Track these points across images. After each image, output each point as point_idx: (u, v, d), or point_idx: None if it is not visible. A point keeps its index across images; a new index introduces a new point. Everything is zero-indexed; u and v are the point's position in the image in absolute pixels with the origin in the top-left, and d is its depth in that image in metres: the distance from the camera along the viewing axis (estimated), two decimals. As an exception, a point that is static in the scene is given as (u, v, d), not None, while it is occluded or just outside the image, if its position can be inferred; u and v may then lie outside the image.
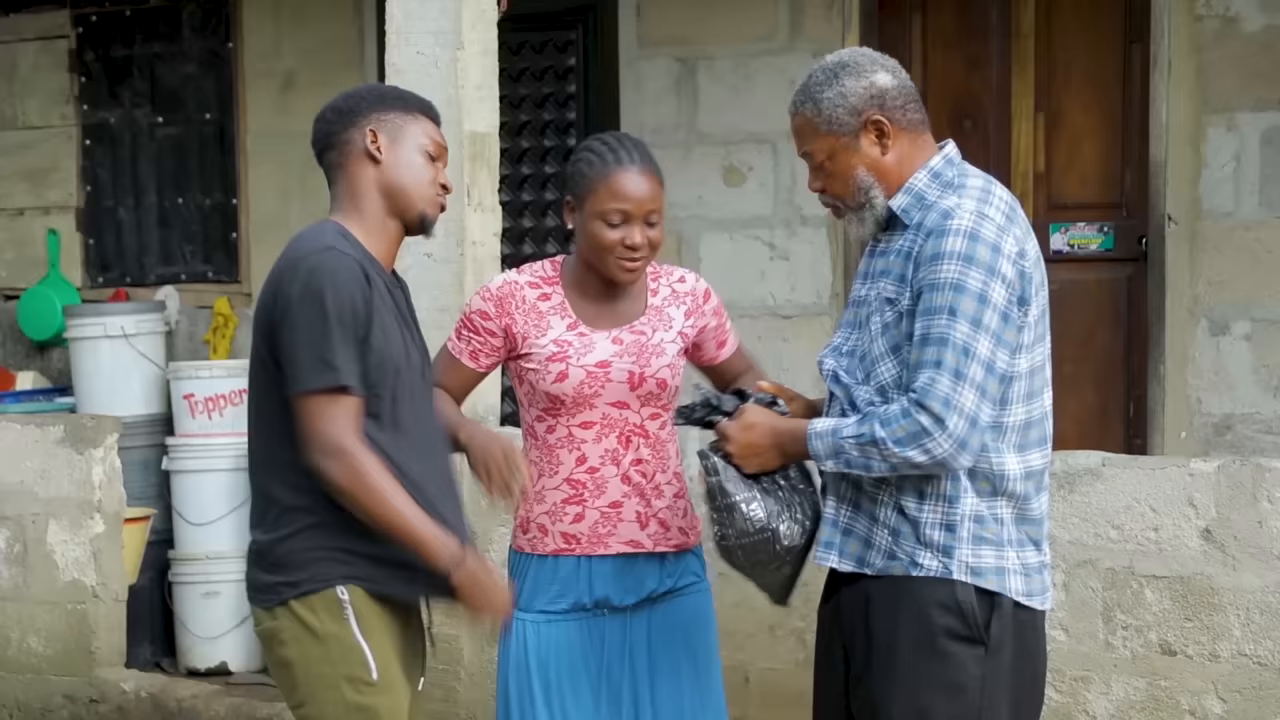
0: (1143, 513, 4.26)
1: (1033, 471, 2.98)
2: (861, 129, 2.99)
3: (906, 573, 2.94)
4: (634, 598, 3.40)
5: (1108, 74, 6.25)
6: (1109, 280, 6.29)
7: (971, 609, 2.93)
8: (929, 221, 2.93)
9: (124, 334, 6.67)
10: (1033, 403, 2.97)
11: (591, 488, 3.38)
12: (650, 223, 3.36)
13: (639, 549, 3.40)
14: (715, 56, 6.64)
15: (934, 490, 2.93)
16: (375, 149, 3.10)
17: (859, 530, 3.01)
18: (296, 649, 3.04)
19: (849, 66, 3.00)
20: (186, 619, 6.36)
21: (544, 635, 3.39)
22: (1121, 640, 4.29)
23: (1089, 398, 6.12)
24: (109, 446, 5.88)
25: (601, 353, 3.37)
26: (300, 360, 2.94)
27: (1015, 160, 6.32)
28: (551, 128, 7.05)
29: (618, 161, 3.36)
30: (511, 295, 3.42)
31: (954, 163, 3.03)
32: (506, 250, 6.07)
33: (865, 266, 3.09)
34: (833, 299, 6.47)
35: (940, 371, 2.83)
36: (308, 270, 2.96)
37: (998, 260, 2.87)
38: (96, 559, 5.83)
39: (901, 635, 2.95)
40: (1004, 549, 2.96)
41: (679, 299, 3.47)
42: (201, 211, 7.62)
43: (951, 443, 2.83)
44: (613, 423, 3.37)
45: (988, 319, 2.85)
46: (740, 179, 6.62)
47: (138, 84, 7.69)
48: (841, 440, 2.92)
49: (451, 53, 5.13)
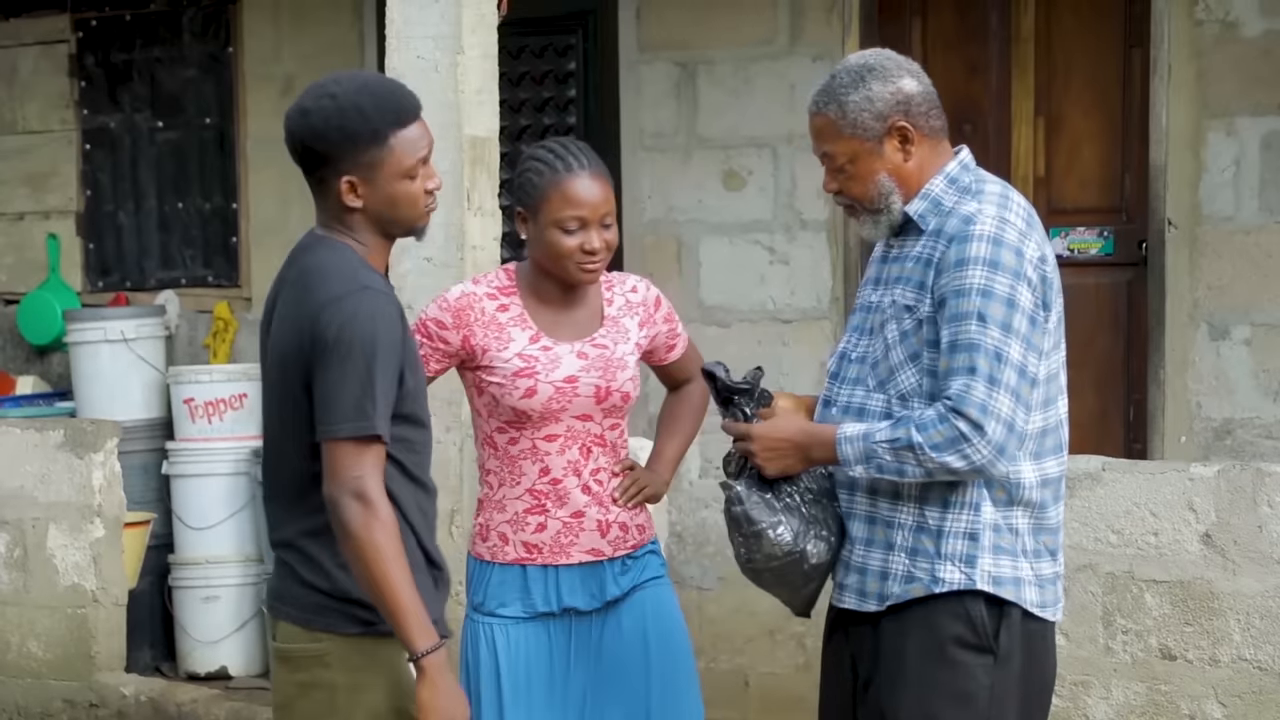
0: (1143, 517, 4.26)
1: (1049, 479, 2.97)
2: (886, 134, 2.98)
3: (928, 590, 2.93)
4: (599, 602, 3.42)
5: (1108, 78, 6.25)
6: (1109, 285, 6.29)
7: (981, 618, 2.92)
8: (950, 228, 2.92)
9: (124, 338, 6.67)
10: (1048, 410, 2.96)
11: (554, 498, 3.39)
12: (605, 224, 3.37)
13: (600, 556, 3.42)
14: (715, 60, 6.64)
15: (959, 499, 2.92)
16: (353, 197, 2.96)
17: (873, 565, 2.99)
18: (348, 676, 2.96)
19: (875, 70, 2.98)
20: (186, 623, 6.36)
21: (511, 637, 3.40)
22: (1121, 645, 4.29)
23: (1089, 402, 6.11)
24: (109, 451, 5.88)
25: (568, 368, 3.39)
26: (337, 404, 2.87)
27: (1015, 164, 6.32)
28: (551, 132, 7.03)
29: (568, 169, 3.36)
30: (470, 307, 3.41)
31: (970, 168, 3.02)
32: (506, 254, 6.05)
33: (877, 272, 3.08)
34: (832, 303, 6.47)
35: (975, 378, 2.83)
36: (348, 315, 2.87)
37: (1022, 264, 2.87)
38: (96, 563, 5.83)
39: (910, 643, 2.94)
40: (1019, 559, 2.95)
41: (632, 309, 3.49)
42: (201, 216, 7.62)
43: (990, 449, 2.83)
44: (576, 434, 3.39)
45: (1017, 323, 2.85)
46: (740, 183, 6.62)
47: (138, 88, 7.69)
48: (874, 445, 2.90)
49: (451, 57, 5.13)
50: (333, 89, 2.97)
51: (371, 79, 3.07)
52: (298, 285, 2.98)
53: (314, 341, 2.90)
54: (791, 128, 6.47)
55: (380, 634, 2.95)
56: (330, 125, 2.93)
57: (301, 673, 3.00)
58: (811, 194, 6.43)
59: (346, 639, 2.96)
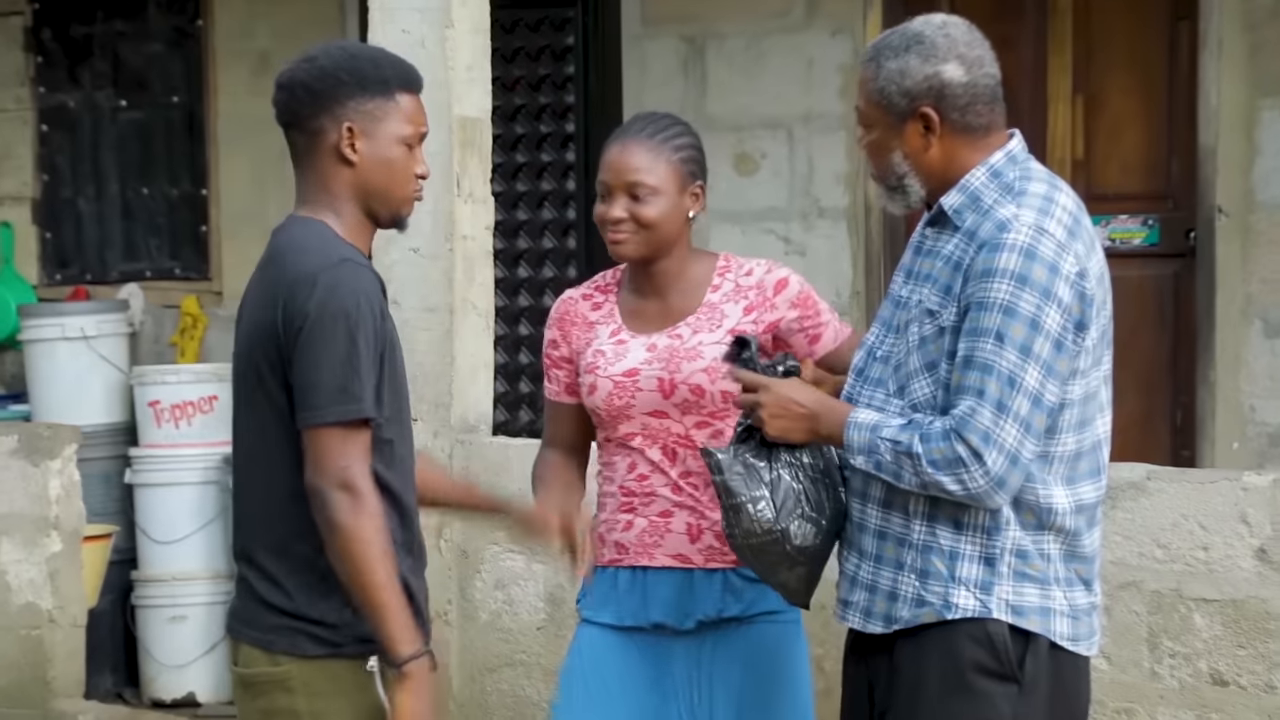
0: (1191, 530, 4.25)
1: (1084, 505, 2.95)
2: (910, 115, 2.95)
3: (940, 617, 2.91)
4: (692, 621, 3.38)
5: (1152, 53, 6.25)
6: (1153, 278, 6.29)
7: (1004, 643, 2.91)
8: (983, 232, 2.89)
9: (84, 336, 6.67)
10: (1084, 431, 2.94)
11: (641, 495, 3.40)
12: (635, 196, 3.36)
13: (688, 564, 3.38)
14: (725, 35, 6.64)
15: (972, 520, 2.91)
16: (350, 149, 3.00)
17: (883, 584, 2.98)
18: (310, 702, 2.96)
19: (924, 44, 2.95)
20: (151, 645, 6.36)
21: (603, 642, 3.42)
22: (1168, 669, 4.29)
23: (1132, 406, 6.11)
24: (67, 458, 5.88)
25: (631, 360, 3.38)
26: (318, 387, 2.86)
27: (1051, 147, 6.32)
28: (548, 112, 7.05)
29: (620, 134, 3.42)
30: (568, 313, 3.49)
31: (1017, 160, 2.98)
32: (499, 245, 6.07)
33: (910, 263, 3.05)
34: (853, 297, 6.47)
35: (982, 402, 2.82)
36: (326, 287, 2.87)
37: (1054, 282, 2.84)
38: (53, 580, 5.83)
39: (929, 670, 2.93)
40: (1050, 587, 2.93)
41: (740, 294, 3.43)
42: (168, 203, 7.62)
43: (988, 480, 2.82)
44: (654, 434, 3.38)
45: (1038, 347, 2.83)
46: (753, 167, 6.62)
47: (99, 64, 7.69)
48: (879, 439, 2.90)
49: (440, 31, 5.13)
50: (345, 43, 3.14)
51: (382, 49, 3.20)
52: (269, 265, 2.99)
53: (288, 321, 2.89)
54: (809, 107, 6.47)
55: (346, 656, 2.95)
56: (340, 67, 3.02)
57: (263, 699, 3.00)
58: (830, 179, 6.43)
59: (310, 662, 2.96)
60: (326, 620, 2.94)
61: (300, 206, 3.06)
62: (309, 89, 3.01)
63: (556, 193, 7.06)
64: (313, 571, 2.95)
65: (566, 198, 7.05)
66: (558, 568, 3.30)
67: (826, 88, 6.48)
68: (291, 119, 3.04)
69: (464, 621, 5.16)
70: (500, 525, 3.36)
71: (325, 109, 3.00)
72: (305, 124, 3.02)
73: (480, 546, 4.96)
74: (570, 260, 7.03)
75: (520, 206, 7.08)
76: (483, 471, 5.08)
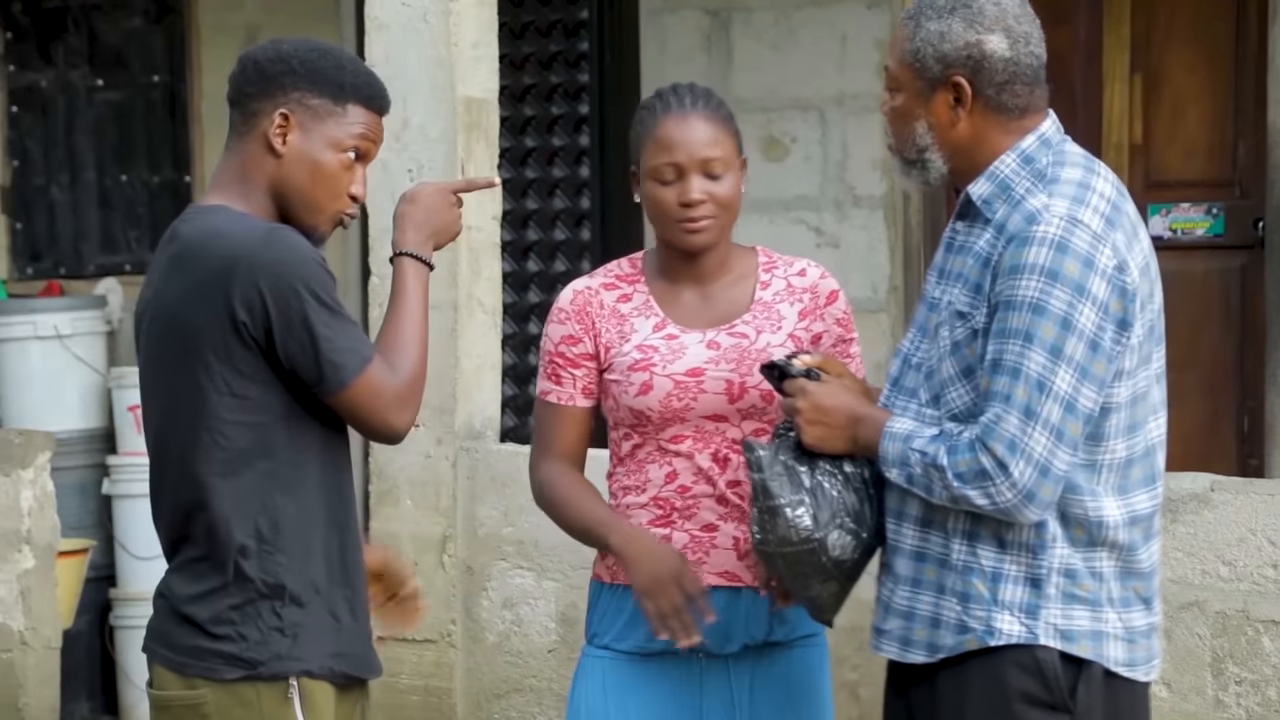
0: (1259, 546, 4.26)
1: (1139, 517, 2.95)
2: (941, 84, 2.96)
3: (983, 644, 2.92)
4: (735, 645, 3.36)
5: (1218, 28, 6.25)
6: (1219, 271, 6.29)
7: (1054, 671, 2.91)
8: (1012, 225, 2.90)
9: (58, 334, 6.70)
10: (1135, 436, 2.94)
11: (681, 508, 3.35)
12: (711, 174, 3.35)
13: (736, 582, 3.35)
14: (752, 9, 6.65)
15: (1016, 538, 2.91)
16: (280, 139, 3.06)
17: (922, 610, 2.99)
18: None
19: (971, 8, 2.94)
20: (130, 669, 6.38)
21: (625, 676, 3.37)
22: (1235, 697, 4.29)
23: (1195, 410, 6.11)
24: (40, 467, 5.90)
25: (693, 359, 3.34)
26: (319, 358, 2.97)
27: (1107, 130, 6.33)
28: (560, 92, 7.06)
29: (666, 109, 3.36)
30: (589, 303, 3.42)
31: (1050, 144, 2.98)
32: (508, 236, 6.09)
33: (941, 261, 3.06)
34: (890, 293, 6.47)
35: (1009, 408, 2.82)
36: (272, 261, 2.95)
37: (1089, 277, 2.84)
38: (24, 599, 5.85)
39: (972, 701, 2.94)
40: (1103, 609, 2.93)
41: (794, 294, 3.43)
42: (149, 190, 7.65)
43: (1015, 493, 2.83)
44: (707, 437, 3.35)
45: (1071, 348, 2.83)
46: (782, 152, 6.63)
47: (73, 40, 7.72)
48: (910, 451, 2.92)
49: (443, 4, 5.15)
50: (326, 44, 3.17)
51: (359, 62, 3.25)
52: (185, 258, 3.02)
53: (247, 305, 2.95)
54: (842, 87, 6.47)
55: (262, 679, 3.02)
56: (299, 58, 3.09)
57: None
58: (866, 165, 6.43)
59: (225, 686, 3.02)
60: (245, 636, 3.01)
61: (207, 195, 3.13)
62: (260, 69, 3.10)
63: (569, 180, 7.07)
64: (216, 570, 3.02)
65: (580, 185, 7.06)
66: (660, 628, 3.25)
67: (862, 66, 6.48)
68: (236, 96, 3.13)
69: (469, 644, 5.17)
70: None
71: (267, 92, 3.08)
72: (245, 104, 3.10)
73: (487, 562, 4.98)
74: (584, 253, 7.04)
75: (530, 195, 7.10)
76: (490, 482, 5.10)
